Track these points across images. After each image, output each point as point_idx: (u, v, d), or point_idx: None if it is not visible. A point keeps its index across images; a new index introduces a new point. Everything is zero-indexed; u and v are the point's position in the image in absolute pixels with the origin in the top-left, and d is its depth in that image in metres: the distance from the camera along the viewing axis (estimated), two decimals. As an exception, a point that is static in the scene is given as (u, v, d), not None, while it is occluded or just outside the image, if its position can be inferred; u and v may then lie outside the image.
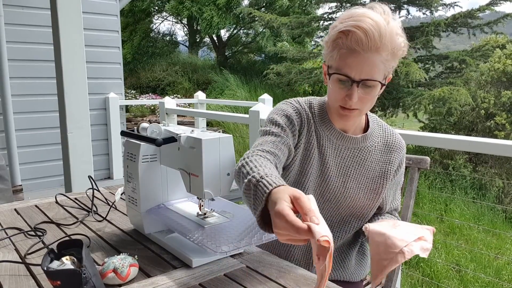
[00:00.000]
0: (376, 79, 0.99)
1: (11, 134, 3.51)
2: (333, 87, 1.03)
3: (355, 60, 0.97)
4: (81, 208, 1.40)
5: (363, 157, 1.14)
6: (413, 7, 9.79)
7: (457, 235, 4.40)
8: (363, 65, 0.97)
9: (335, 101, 1.05)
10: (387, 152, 1.15)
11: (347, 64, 0.98)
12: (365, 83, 0.99)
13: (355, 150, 1.13)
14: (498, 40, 8.50)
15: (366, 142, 1.14)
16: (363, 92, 1.00)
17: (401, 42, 0.99)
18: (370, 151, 1.14)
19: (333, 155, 1.13)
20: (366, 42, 0.94)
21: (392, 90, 8.70)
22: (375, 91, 1.01)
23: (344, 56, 0.98)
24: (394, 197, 1.24)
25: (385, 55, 0.97)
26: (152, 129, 1.08)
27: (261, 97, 4.49)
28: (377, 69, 0.98)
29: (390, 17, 0.98)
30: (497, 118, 6.54)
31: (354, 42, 0.95)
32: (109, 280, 0.87)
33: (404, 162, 1.21)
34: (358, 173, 1.14)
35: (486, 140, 1.78)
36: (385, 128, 1.18)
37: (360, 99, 1.01)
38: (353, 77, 0.98)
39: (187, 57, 13.11)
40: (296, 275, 0.94)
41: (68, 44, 2.28)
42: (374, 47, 0.95)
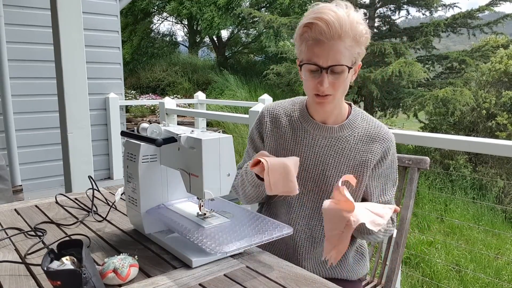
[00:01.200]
0: (343, 63, 1.07)
1: (11, 134, 3.51)
2: (305, 78, 1.12)
3: (320, 49, 1.06)
4: (81, 208, 1.40)
5: (341, 146, 1.19)
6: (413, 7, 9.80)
7: (457, 235, 4.40)
8: (329, 52, 1.05)
9: (310, 90, 1.14)
10: (368, 142, 1.19)
11: (314, 53, 1.07)
12: (333, 69, 1.07)
13: (333, 140, 1.19)
14: (498, 41, 8.50)
15: (344, 132, 1.19)
16: (333, 77, 1.08)
17: (362, 29, 1.07)
18: (349, 141, 1.19)
19: (311, 145, 1.20)
20: (328, 31, 1.03)
21: (393, 91, 8.71)
22: (344, 76, 1.09)
23: (311, 47, 1.07)
24: (383, 192, 1.23)
25: (348, 42, 1.05)
26: (152, 129, 1.08)
27: (261, 97, 4.49)
28: (343, 55, 1.06)
29: (351, 10, 1.08)
30: (498, 118, 6.53)
31: (318, 32, 1.04)
32: (109, 280, 0.87)
33: (392, 155, 1.21)
34: (337, 161, 1.19)
35: (486, 141, 1.78)
36: (369, 121, 1.22)
37: (331, 85, 1.09)
38: (321, 65, 1.07)
39: (187, 57, 13.11)
40: (296, 275, 0.94)
41: (68, 44, 2.28)
42: (336, 35, 1.04)
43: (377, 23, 10.46)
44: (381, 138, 1.19)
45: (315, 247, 1.24)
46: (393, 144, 1.21)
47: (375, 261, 1.60)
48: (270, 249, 1.27)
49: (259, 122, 1.29)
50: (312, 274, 0.95)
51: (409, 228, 1.50)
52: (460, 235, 4.42)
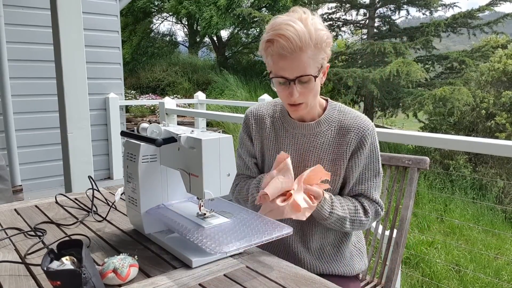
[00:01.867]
0: (309, 73, 1.10)
1: (11, 134, 3.51)
2: (277, 89, 1.17)
3: (285, 62, 1.09)
4: (81, 208, 1.40)
5: (319, 142, 1.22)
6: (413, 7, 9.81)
7: (457, 235, 4.40)
8: (293, 65, 1.09)
9: (283, 100, 1.19)
10: (344, 133, 1.21)
11: (280, 67, 1.11)
12: (300, 79, 1.10)
13: (311, 136, 1.23)
14: (498, 40, 8.50)
15: (320, 127, 1.23)
16: (301, 87, 1.12)
17: (323, 35, 1.09)
18: (326, 135, 1.22)
19: (291, 144, 1.25)
20: (289, 46, 1.06)
21: (392, 91, 8.71)
22: (311, 84, 1.12)
23: (276, 60, 1.11)
24: (361, 181, 1.23)
25: (310, 52, 1.08)
26: (152, 129, 1.08)
27: (261, 97, 4.49)
28: (307, 65, 1.09)
29: (309, 17, 1.10)
30: (498, 118, 6.53)
31: (280, 48, 1.07)
32: (109, 280, 0.87)
33: (371, 145, 1.21)
34: (317, 157, 1.22)
35: (486, 141, 1.78)
36: (346, 112, 1.24)
37: (301, 94, 1.13)
38: (288, 77, 1.11)
39: (187, 57, 13.11)
40: (296, 275, 0.94)
41: (68, 44, 2.28)
42: (297, 48, 1.06)
43: (377, 23, 10.47)
44: (356, 128, 1.20)
45: (308, 241, 1.26)
46: (370, 133, 1.21)
47: (375, 261, 1.60)
48: (268, 246, 1.28)
49: (246, 125, 1.34)
50: (312, 274, 0.95)
51: (409, 228, 1.50)
52: (460, 235, 4.42)
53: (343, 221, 1.18)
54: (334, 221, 1.18)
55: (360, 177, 1.23)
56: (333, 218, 1.17)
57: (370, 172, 1.23)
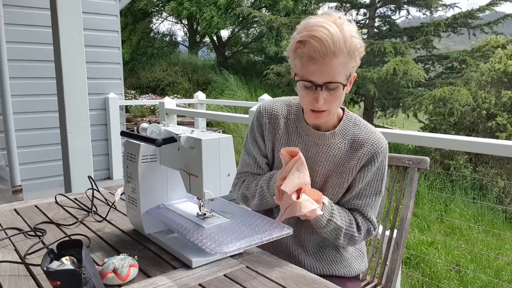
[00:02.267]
0: (338, 81, 1.06)
1: (11, 134, 3.51)
2: (300, 93, 1.12)
3: (315, 66, 1.05)
4: (81, 208, 1.40)
5: (332, 153, 1.19)
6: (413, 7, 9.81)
7: (457, 236, 4.40)
8: (323, 70, 1.05)
9: (306, 106, 1.14)
10: (356, 148, 1.18)
11: (309, 71, 1.06)
12: (328, 86, 1.06)
13: (324, 146, 1.19)
14: (499, 41, 8.50)
15: (335, 139, 1.19)
16: (328, 94, 1.08)
17: (356, 43, 1.06)
18: (340, 148, 1.19)
19: (302, 150, 1.18)
20: (322, 49, 1.02)
21: (392, 91, 8.71)
22: (338, 92, 1.08)
23: (305, 63, 1.06)
24: (359, 195, 1.20)
25: (342, 58, 1.04)
26: (152, 129, 1.08)
27: (261, 97, 4.48)
28: (337, 71, 1.05)
29: (345, 22, 1.06)
30: (498, 118, 6.53)
31: (311, 50, 1.03)
32: (109, 280, 0.87)
33: (380, 163, 1.18)
34: (326, 168, 1.19)
35: (486, 141, 1.78)
36: (361, 126, 1.20)
37: (326, 101, 1.08)
38: (316, 82, 1.06)
39: (187, 57, 13.11)
40: (296, 275, 0.94)
41: (68, 44, 2.28)
42: (330, 52, 1.02)
43: (377, 23, 10.47)
44: (369, 144, 1.17)
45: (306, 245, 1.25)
46: (383, 152, 1.18)
47: (375, 261, 1.60)
48: (270, 248, 1.27)
49: (258, 124, 1.28)
50: (312, 274, 0.95)
51: (409, 228, 1.49)
52: (460, 235, 4.42)
53: (339, 231, 1.16)
54: (331, 230, 1.15)
55: (360, 192, 1.20)
56: (330, 226, 1.14)
57: (371, 189, 1.20)
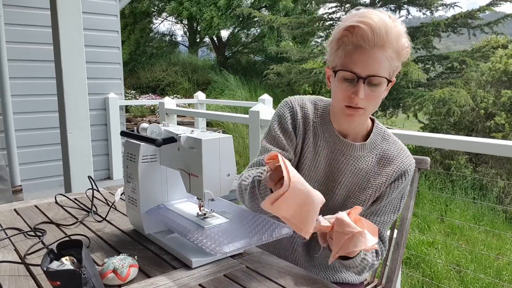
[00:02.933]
0: (382, 75, 0.97)
1: (11, 134, 3.51)
2: (338, 86, 1.01)
3: (360, 56, 0.96)
4: (80, 208, 1.40)
5: (357, 167, 1.10)
6: (413, 7, 9.80)
7: (457, 236, 4.40)
8: (369, 60, 0.96)
9: (340, 101, 1.02)
10: (384, 164, 1.10)
11: (352, 60, 0.97)
12: (371, 80, 0.97)
13: (351, 158, 1.10)
14: (499, 41, 8.50)
15: (363, 152, 1.10)
16: (369, 89, 0.99)
17: (405, 42, 0.99)
18: (366, 161, 1.10)
19: (328, 158, 1.11)
20: (372, 37, 0.94)
21: (393, 91, 8.70)
22: (381, 89, 1.00)
23: (350, 52, 0.97)
24: (378, 212, 1.12)
25: (390, 52, 0.97)
26: (152, 129, 1.08)
27: (261, 97, 4.50)
28: (383, 65, 0.97)
29: (397, 20, 0.99)
30: (497, 118, 6.52)
31: (360, 37, 0.95)
32: (108, 280, 0.87)
33: (406, 183, 1.11)
34: (350, 181, 1.11)
35: (486, 141, 1.78)
36: (389, 142, 1.12)
37: (366, 97, 0.99)
38: (359, 73, 0.97)
39: (187, 57, 13.11)
40: (296, 275, 0.94)
41: (68, 44, 2.28)
42: (380, 42, 0.95)
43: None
44: (399, 162, 1.09)
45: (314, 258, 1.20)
46: (411, 170, 1.11)
47: (376, 261, 1.60)
48: (270, 249, 1.27)
49: (292, 117, 1.14)
50: (312, 274, 0.95)
51: (409, 228, 1.49)
52: (460, 236, 4.42)
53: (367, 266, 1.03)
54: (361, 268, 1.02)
55: (380, 209, 1.12)
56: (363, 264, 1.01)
57: (391, 207, 1.13)
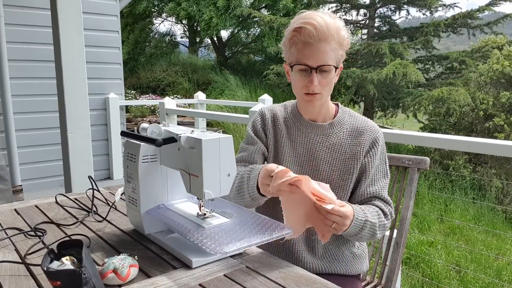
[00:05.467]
0: (330, 63, 1.17)
1: (11, 134, 3.51)
2: (295, 78, 1.21)
3: (310, 50, 1.15)
4: (81, 208, 1.40)
5: (332, 142, 1.27)
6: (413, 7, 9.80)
7: (457, 236, 4.40)
8: (317, 53, 1.15)
9: (299, 90, 1.22)
10: (356, 135, 1.26)
11: (304, 55, 1.16)
12: (321, 68, 1.16)
13: (324, 136, 1.28)
14: (498, 41, 8.50)
15: (333, 128, 1.28)
16: (321, 77, 1.18)
17: (344, 34, 1.18)
18: (339, 136, 1.27)
19: (304, 142, 1.29)
20: (317, 34, 1.13)
21: (392, 91, 8.71)
22: (331, 75, 1.19)
23: (301, 49, 1.17)
24: (372, 182, 1.25)
25: (333, 44, 1.16)
26: (152, 129, 1.08)
27: (261, 98, 4.49)
28: (329, 56, 1.16)
29: (336, 18, 1.18)
30: (496, 119, 6.53)
31: (307, 35, 1.14)
32: (109, 280, 0.87)
33: (381, 147, 1.27)
34: (329, 156, 1.26)
35: (485, 141, 1.78)
36: (356, 117, 1.31)
37: (320, 84, 1.18)
38: (311, 65, 1.16)
39: (187, 58, 13.11)
40: (296, 275, 0.94)
41: (68, 44, 2.28)
42: (323, 37, 1.14)
43: (377, 23, 10.47)
44: (368, 130, 1.26)
45: (314, 239, 1.27)
46: (381, 136, 1.28)
47: (375, 261, 1.60)
48: (268, 245, 1.28)
49: (261, 120, 1.36)
50: (312, 274, 0.95)
51: (409, 228, 1.50)
52: (460, 236, 4.42)
53: (374, 228, 1.17)
54: (367, 230, 1.15)
55: (372, 178, 1.26)
56: (367, 226, 1.14)
57: (380, 173, 1.27)
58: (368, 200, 1.25)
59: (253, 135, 1.37)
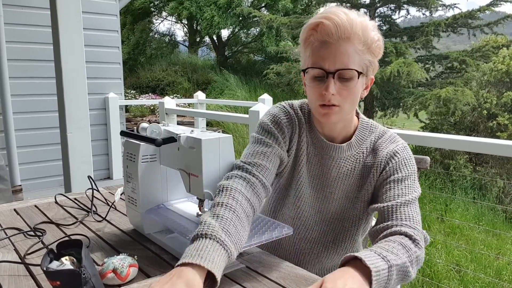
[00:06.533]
0: (352, 67, 0.95)
1: (11, 134, 3.51)
2: (310, 86, 0.99)
3: (327, 50, 0.94)
4: (80, 208, 1.40)
5: (349, 167, 1.07)
6: (413, 7, 9.80)
7: (457, 236, 4.40)
8: (336, 54, 0.94)
9: (314, 101, 0.99)
10: (373, 156, 1.06)
11: (320, 56, 0.95)
12: (341, 74, 0.95)
13: (341, 160, 1.08)
14: (498, 41, 8.50)
15: (351, 151, 1.07)
16: (341, 84, 0.96)
17: (374, 35, 0.97)
18: (357, 159, 1.07)
19: (318, 164, 1.09)
20: (336, 31, 0.93)
21: (393, 90, 8.71)
22: (353, 83, 0.96)
23: (317, 49, 0.96)
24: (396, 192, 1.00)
25: (358, 45, 0.95)
26: (152, 129, 1.08)
27: (261, 97, 4.49)
28: (352, 59, 0.94)
29: (366, 16, 0.98)
30: (499, 118, 6.52)
31: (324, 33, 0.94)
32: (108, 280, 0.87)
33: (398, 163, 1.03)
34: (345, 184, 1.08)
35: (486, 140, 1.78)
36: (377, 132, 1.09)
37: (338, 93, 0.96)
38: (327, 69, 0.95)
39: (187, 57, 13.11)
40: (296, 275, 0.94)
41: (68, 44, 2.28)
42: (345, 35, 0.93)
43: (377, 23, 10.46)
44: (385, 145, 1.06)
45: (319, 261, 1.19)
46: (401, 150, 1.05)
47: (376, 261, 1.59)
48: (270, 249, 1.27)
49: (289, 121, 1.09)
50: (312, 274, 0.95)
51: (409, 228, 1.49)
52: (460, 235, 4.42)
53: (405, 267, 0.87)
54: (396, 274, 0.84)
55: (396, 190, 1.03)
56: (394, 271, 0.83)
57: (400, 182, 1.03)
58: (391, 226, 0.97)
59: (278, 131, 1.06)
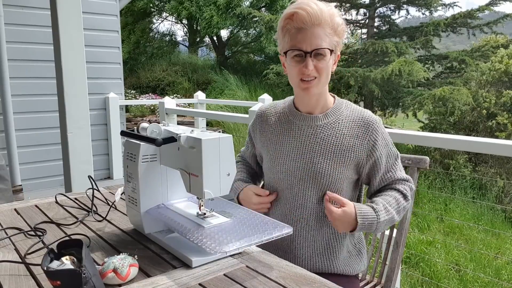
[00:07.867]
0: (325, 47, 1.16)
1: (11, 134, 3.51)
2: (290, 64, 1.20)
3: (303, 35, 1.15)
4: (81, 208, 1.40)
5: (327, 133, 1.24)
6: (413, 7, 9.80)
7: (456, 235, 4.40)
8: (311, 38, 1.15)
9: (295, 77, 1.21)
10: (353, 127, 1.24)
11: (297, 40, 1.16)
12: (316, 52, 1.16)
13: (318, 128, 1.25)
14: (498, 40, 8.50)
15: (328, 119, 1.26)
16: (316, 61, 1.17)
17: (339, 21, 1.18)
18: (334, 127, 1.25)
19: (296, 135, 1.27)
20: (309, 19, 1.13)
21: (392, 90, 8.71)
22: (326, 59, 1.18)
23: (294, 35, 1.17)
24: (387, 169, 1.26)
25: (327, 29, 1.16)
26: (152, 129, 1.08)
27: (261, 97, 4.49)
28: (323, 40, 1.16)
29: (330, 4, 1.18)
30: (499, 118, 6.52)
31: (299, 21, 1.14)
32: (109, 280, 0.87)
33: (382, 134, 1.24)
34: (324, 148, 1.24)
35: (486, 140, 1.78)
36: (353, 108, 1.28)
37: (315, 68, 1.17)
38: (305, 49, 1.16)
39: (187, 57, 13.11)
40: (296, 274, 0.94)
41: (68, 44, 2.28)
42: (316, 21, 1.14)
43: (377, 23, 10.47)
44: (365, 122, 1.24)
45: (311, 235, 1.26)
46: (378, 124, 1.25)
47: (375, 260, 1.60)
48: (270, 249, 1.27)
49: (253, 121, 1.42)
50: (312, 274, 0.95)
51: (409, 228, 1.50)
52: (460, 235, 4.42)
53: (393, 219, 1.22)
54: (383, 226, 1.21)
55: (386, 165, 1.26)
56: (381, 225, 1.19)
57: (391, 158, 1.27)
58: (387, 186, 1.27)
59: (248, 138, 1.44)
